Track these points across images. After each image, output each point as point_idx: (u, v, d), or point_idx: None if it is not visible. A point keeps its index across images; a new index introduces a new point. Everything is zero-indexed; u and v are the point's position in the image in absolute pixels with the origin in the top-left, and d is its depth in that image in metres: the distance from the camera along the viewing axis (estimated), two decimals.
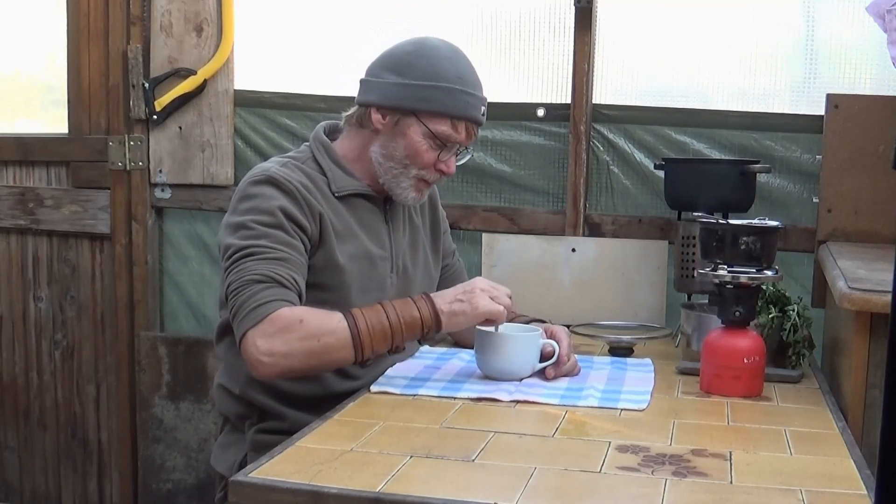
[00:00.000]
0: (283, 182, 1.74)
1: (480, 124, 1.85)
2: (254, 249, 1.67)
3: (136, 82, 2.78)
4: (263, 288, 1.63)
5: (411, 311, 1.67)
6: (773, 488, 1.23)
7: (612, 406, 1.60)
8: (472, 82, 1.82)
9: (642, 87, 2.53)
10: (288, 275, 1.66)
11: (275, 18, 2.76)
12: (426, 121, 1.79)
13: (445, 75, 1.79)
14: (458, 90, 1.79)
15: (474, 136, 1.86)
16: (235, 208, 1.75)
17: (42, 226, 2.94)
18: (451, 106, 1.78)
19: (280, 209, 1.71)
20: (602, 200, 2.55)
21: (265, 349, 1.60)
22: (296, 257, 1.70)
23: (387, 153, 1.82)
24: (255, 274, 1.64)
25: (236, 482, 1.23)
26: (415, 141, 1.79)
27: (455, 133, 1.80)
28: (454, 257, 2.11)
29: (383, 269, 1.86)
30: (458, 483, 1.23)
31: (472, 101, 1.81)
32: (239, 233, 1.70)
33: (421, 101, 1.78)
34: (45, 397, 3.02)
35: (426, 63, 1.80)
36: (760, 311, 1.80)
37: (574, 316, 2.39)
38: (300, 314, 1.63)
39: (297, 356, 1.62)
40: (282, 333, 1.60)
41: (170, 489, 2.90)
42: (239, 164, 2.77)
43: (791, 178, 2.43)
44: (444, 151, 1.81)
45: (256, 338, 1.61)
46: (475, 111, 1.82)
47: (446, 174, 1.85)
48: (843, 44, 2.38)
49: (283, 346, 1.60)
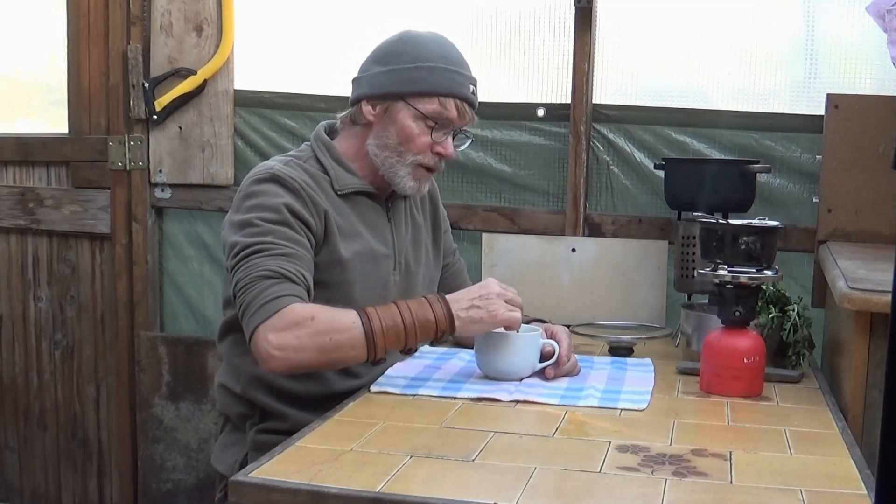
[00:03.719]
0: (286, 179, 1.73)
1: (472, 104, 1.82)
2: (261, 246, 1.66)
3: (136, 82, 2.78)
4: (273, 283, 1.62)
5: (426, 313, 1.65)
6: (773, 488, 1.23)
7: (612, 406, 1.60)
8: (457, 61, 1.82)
9: (642, 87, 2.53)
10: (297, 270, 1.66)
11: (275, 18, 2.76)
12: (414, 103, 1.78)
13: (429, 56, 1.79)
14: (443, 68, 1.79)
15: (469, 118, 1.83)
16: (239, 206, 1.75)
17: (42, 226, 2.94)
18: (437, 84, 1.78)
19: (285, 206, 1.71)
20: (602, 200, 2.55)
21: (276, 343, 1.59)
22: (302, 253, 1.70)
23: (381, 143, 1.81)
24: (264, 270, 1.63)
25: (236, 482, 1.23)
26: (406, 125, 1.79)
27: (445, 111, 1.79)
28: (455, 256, 2.11)
29: (386, 266, 1.86)
30: (458, 483, 1.23)
31: (458, 79, 1.80)
32: (245, 230, 1.70)
33: (406, 84, 1.78)
34: (45, 397, 3.02)
35: (410, 48, 1.81)
36: (760, 311, 1.80)
37: (574, 316, 2.39)
38: (312, 310, 1.62)
39: (308, 351, 1.60)
40: (293, 328, 1.60)
41: (170, 489, 2.90)
42: (239, 164, 2.77)
43: (791, 178, 2.43)
44: (437, 133, 1.80)
45: (268, 332, 1.60)
46: (463, 88, 1.80)
47: (444, 157, 1.82)
48: (843, 44, 2.38)
49: (295, 341, 1.59)
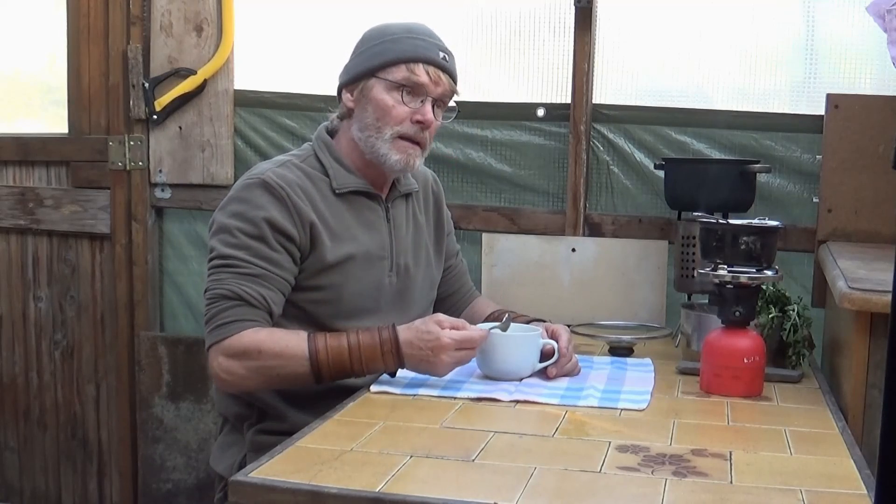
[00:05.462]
0: (275, 187, 1.75)
1: (444, 69, 1.81)
2: (232, 261, 1.71)
3: (136, 82, 2.78)
4: (231, 306, 1.69)
5: (372, 338, 1.67)
6: (773, 488, 1.23)
7: (612, 406, 1.60)
8: (423, 31, 1.83)
9: (642, 87, 2.53)
10: (257, 293, 1.70)
11: (275, 18, 2.76)
12: (383, 75, 1.79)
13: (393, 31, 1.82)
14: (407, 37, 1.81)
15: (447, 86, 1.82)
16: (225, 206, 1.78)
17: (42, 226, 2.94)
18: (402, 51, 1.79)
19: (266, 220, 1.73)
20: (602, 200, 2.55)
21: (225, 368, 1.69)
22: (272, 273, 1.72)
23: (362, 125, 1.82)
24: (226, 289, 1.70)
25: (236, 482, 1.23)
26: (380, 99, 1.79)
27: (413, 75, 1.78)
28: (457, 258, 2.11)
29: (381, 268, 1.86)
30: (458, 483, 1.23)
31: (423, 45, 1.81)
32: (222, 236, 1.74)
33: (373, 59, 1.81)
34: (45, 397, 3.02)
35: (375, 31, 1.85)
36: (760, 311, 1.80)
37: (574, 316, 2.39)
38: (260, 341, 1.67)
39: (254, 380, 1.70)
40: (241, 358, 1.68)
41: (170, 489, 2.90)
42: (239, 164, 2.77)
43: (791, 178, 2.42)
44: (412, 100, 1.80)
45: (218, 355, 1.69)
46: (429, 52, 1.80)
47: (424, 124, 1.80)
48: (843, 44, 2.38)
49: (241, 370, 1.68)
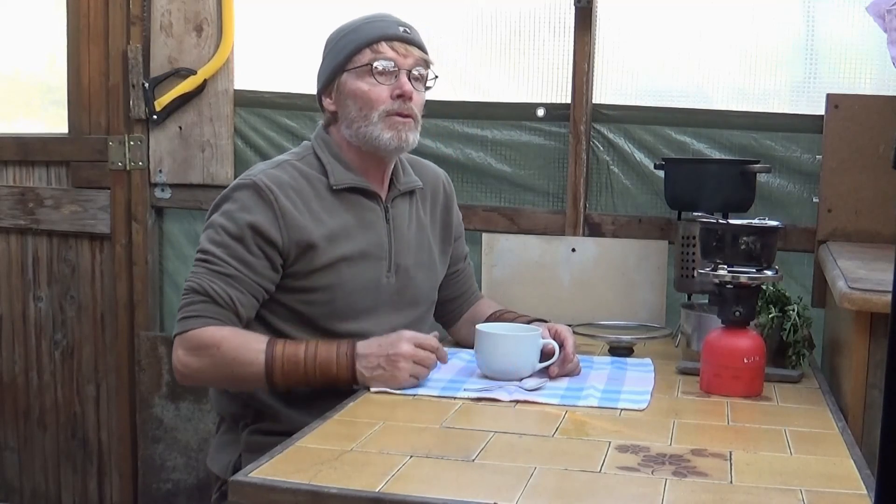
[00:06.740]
0: (265, 190, 1.75)
1: (407, 41, 1.81)
2: (210, 258, 1.74)
3: (136, 82, 2.78)
4: (199, 301, 1.72)
5: (329, 351, 1.68)
6: (773, 488, 1.23)
7: (612, 406, 1.60)
8: (378, 15, 1.85)
9: (642, 87, 2.53)
10: (226, 293, 1.72)
11: (275, 18, 2.76)
12: (351, 65, 1.81)
13: (350, 25, 1.85)
14: (364, 24, 1.82)
15: (416, 57, 1.81)
16: (219, 203, 1.81)
17: (42, 226, 2.94)
18: (362, 37, 1.80)
19: (249, 225, 1.74)
20: (602, 200, 2.55)
21: (183, 361, 1.72)
22: (245, 276, 1.73)
23: (348, 120, 1.83)
24: (197, 283, 1.73)
25: (236, 482, 1.23)
26: (356, 88, 1.80)
27: (379, 53, 1.79)
28: (465, 262, 2.11)
29: (378, 268, 1.85)
30: (458, 483, 1.23)
31: (381, 24, 1.82)
32: (208, 232, 1.78)
33: (338, 55, 1.82)
34: (45, 397, 3.02)
35: (336, 31, 1.87)
36: (760, 311, 1.80)
37: (574, 316, 2.39)
38: (220, 338, 1.69)
39: (208, 375, 1.74)
40: (199, 352, 1.70)
41: (170, 489, 2.90)
42: (239, 164, 2.77)
43: (791, 178, 2.42)
44: (386, 78, 1.80)
45: (179, 347, 1.73)
46: (389, 30, 1.81)
47: (404, 95, 1.79)
48: (843, 44, 2.38)
49: (197, 364, 1.71)
